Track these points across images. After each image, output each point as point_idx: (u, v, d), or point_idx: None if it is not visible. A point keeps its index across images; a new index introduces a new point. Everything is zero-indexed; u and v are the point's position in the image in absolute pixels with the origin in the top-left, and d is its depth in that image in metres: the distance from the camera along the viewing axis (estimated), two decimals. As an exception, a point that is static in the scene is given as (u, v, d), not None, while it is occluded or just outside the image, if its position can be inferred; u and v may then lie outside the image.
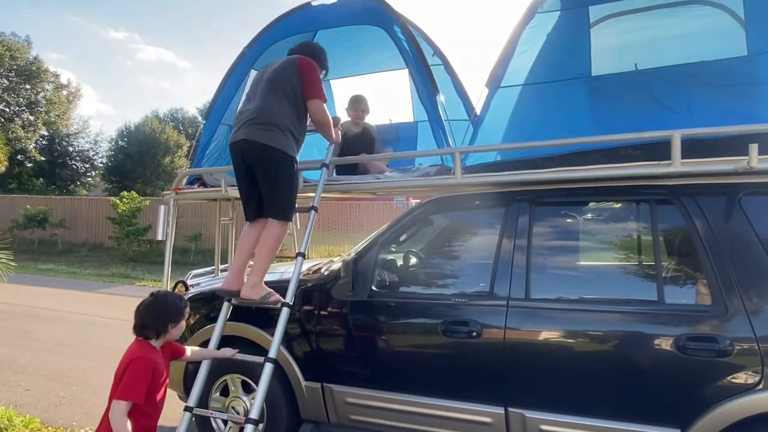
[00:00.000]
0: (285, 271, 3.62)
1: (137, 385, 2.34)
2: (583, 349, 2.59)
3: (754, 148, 2.29)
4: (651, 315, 2.49)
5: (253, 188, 3.17)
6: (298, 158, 3.18)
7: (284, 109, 3.10)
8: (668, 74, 2.84)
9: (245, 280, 3.14)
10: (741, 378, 2.27)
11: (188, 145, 30.03)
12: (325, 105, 3.20)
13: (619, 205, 2.89)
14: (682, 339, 2.37)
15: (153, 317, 2.48)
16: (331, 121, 3.32)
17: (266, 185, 3.10)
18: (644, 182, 2.65)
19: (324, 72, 3.45)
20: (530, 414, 2.62)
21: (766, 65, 2.65)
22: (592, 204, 2.91)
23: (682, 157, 2.47)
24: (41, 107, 33.14)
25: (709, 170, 2.48)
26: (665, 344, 2.40)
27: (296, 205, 3.26)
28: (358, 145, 3.95)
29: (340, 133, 3.55)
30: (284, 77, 3.14)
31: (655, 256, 2.57)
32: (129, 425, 2.31)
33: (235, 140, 3.12)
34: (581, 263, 2.93)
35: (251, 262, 3.21)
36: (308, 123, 3.31)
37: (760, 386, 2.24)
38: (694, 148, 2.55)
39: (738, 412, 2.26)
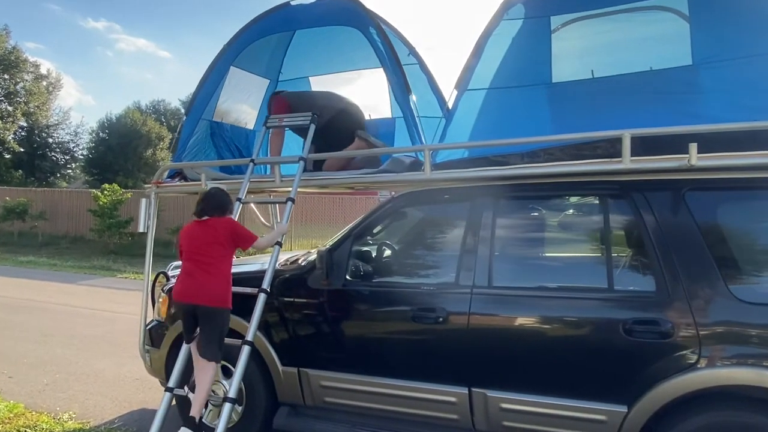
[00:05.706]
0: (266, 261, 3.76)
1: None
2: (539, 333, 2.78)
3: (693, 147, 2.48)
4: (601, 301, 2.68)
5: None
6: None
7: None
8: (621, 82, 3.00)
9: None
10: (680, 358, 2.47)
11: (170, 137, 29.72)
12: None
13: (576, 200, 3.09)
14: (629, 323, 2.57)
15: (216, 203, 3.15)
16: None
17: None
18: (599, 178, 2.84)
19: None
20: (491, 393, 2.81)
21: (708, 74, 2.82)
22: (551, 198, 3.08)
23: (637, 156, 2.64)
24: (20, 97, 32.49)
25: (656, 167, 2.67)
26: (614, 328, 2.59)
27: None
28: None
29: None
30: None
31: (607, 246, 2.77)
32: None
33: None
34: (541, 253, 3.11)
35: None
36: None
37: (698, 366, 2.44)
38: (646, 148, 2.74)
39: (677, 389, 2.45)
